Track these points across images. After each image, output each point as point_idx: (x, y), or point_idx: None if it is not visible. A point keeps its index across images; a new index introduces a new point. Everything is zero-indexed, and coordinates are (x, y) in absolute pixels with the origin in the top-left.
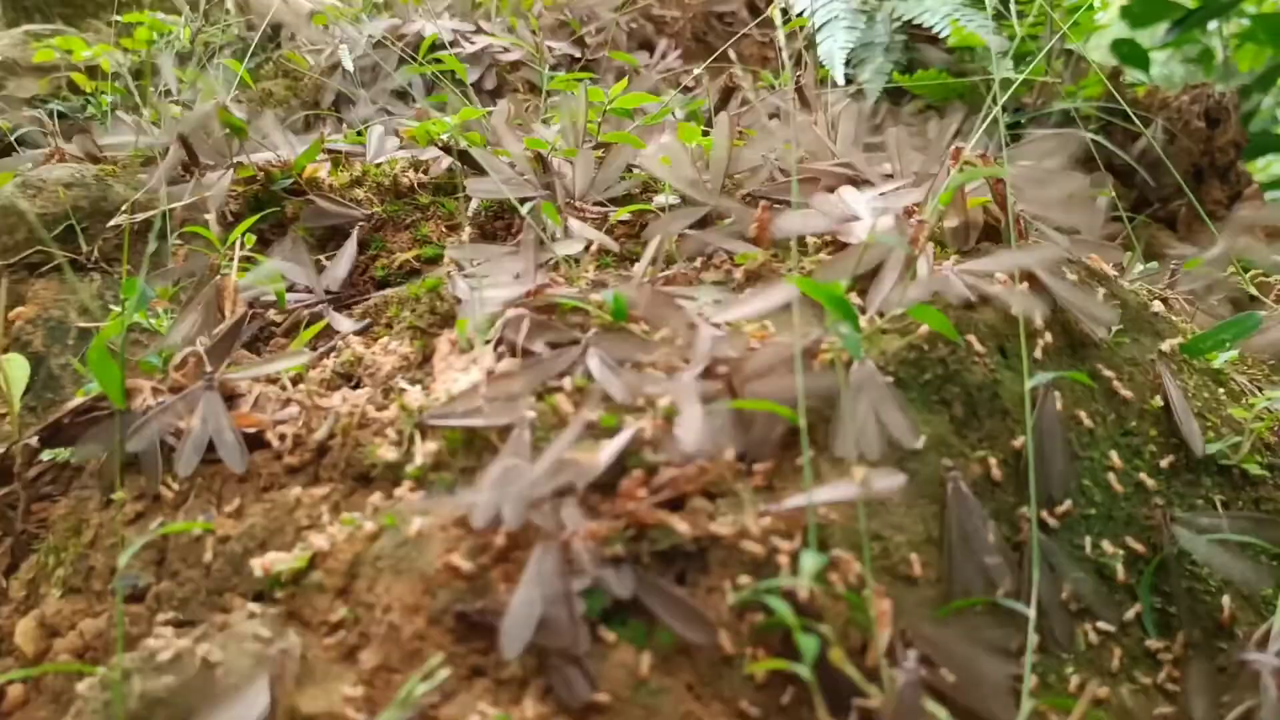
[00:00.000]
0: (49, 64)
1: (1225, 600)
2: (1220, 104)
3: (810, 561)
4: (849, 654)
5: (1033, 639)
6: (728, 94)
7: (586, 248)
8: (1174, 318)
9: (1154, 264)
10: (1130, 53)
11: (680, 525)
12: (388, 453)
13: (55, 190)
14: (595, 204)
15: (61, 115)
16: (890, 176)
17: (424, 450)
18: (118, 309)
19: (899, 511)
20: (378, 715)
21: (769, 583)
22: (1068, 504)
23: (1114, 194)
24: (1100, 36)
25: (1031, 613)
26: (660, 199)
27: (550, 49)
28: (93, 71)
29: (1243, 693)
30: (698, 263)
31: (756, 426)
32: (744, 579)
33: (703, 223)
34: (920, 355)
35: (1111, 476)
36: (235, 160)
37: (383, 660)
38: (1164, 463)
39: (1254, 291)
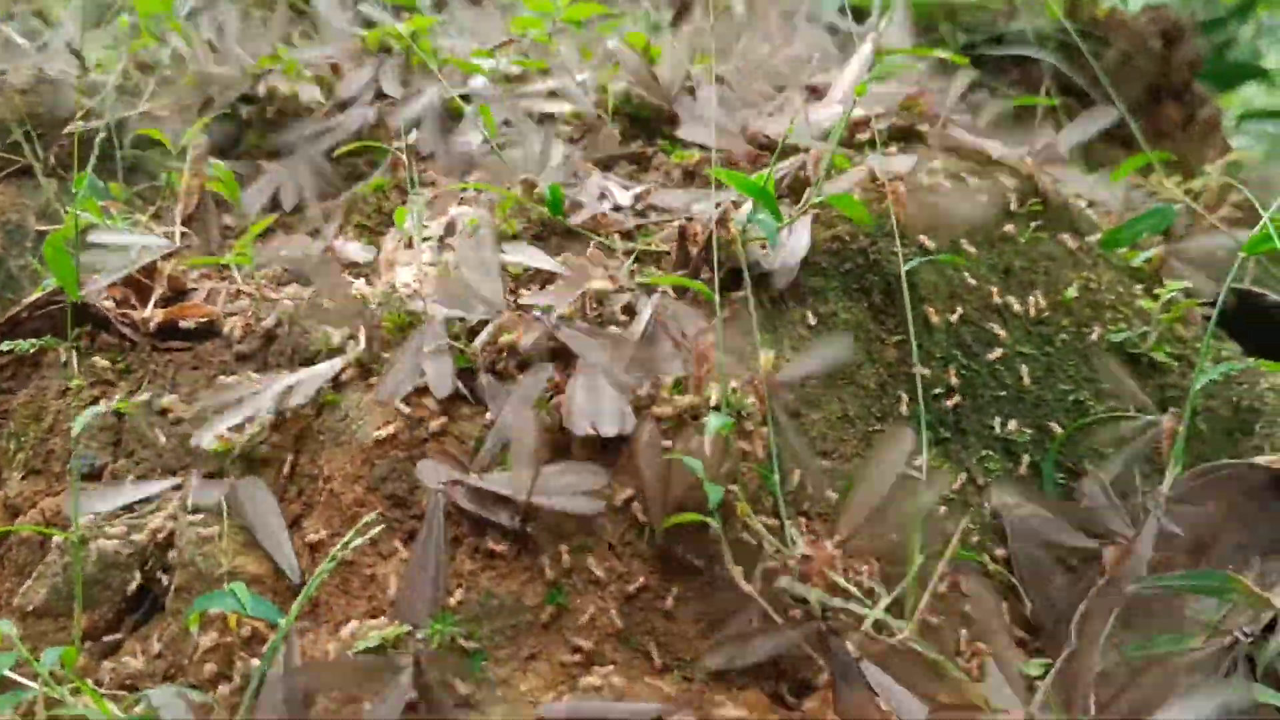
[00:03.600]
0: None
1: None
2: (1177, 25)
3: (715, 420)
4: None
5: (928, 498)
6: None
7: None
8: (1098, 219)
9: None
10: None
11: None
12: (333, 336)
13: (11, 96)
14: None
15: None
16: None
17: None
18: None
19: (817, 392)
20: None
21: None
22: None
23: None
24: None
25: (923, 476)
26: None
27: None
28: None
29: None
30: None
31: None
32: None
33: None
34: (843, 246)
35: (1021, 363)
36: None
37: (325, 524)
38: (1074, 350)
39: (1187, 200)
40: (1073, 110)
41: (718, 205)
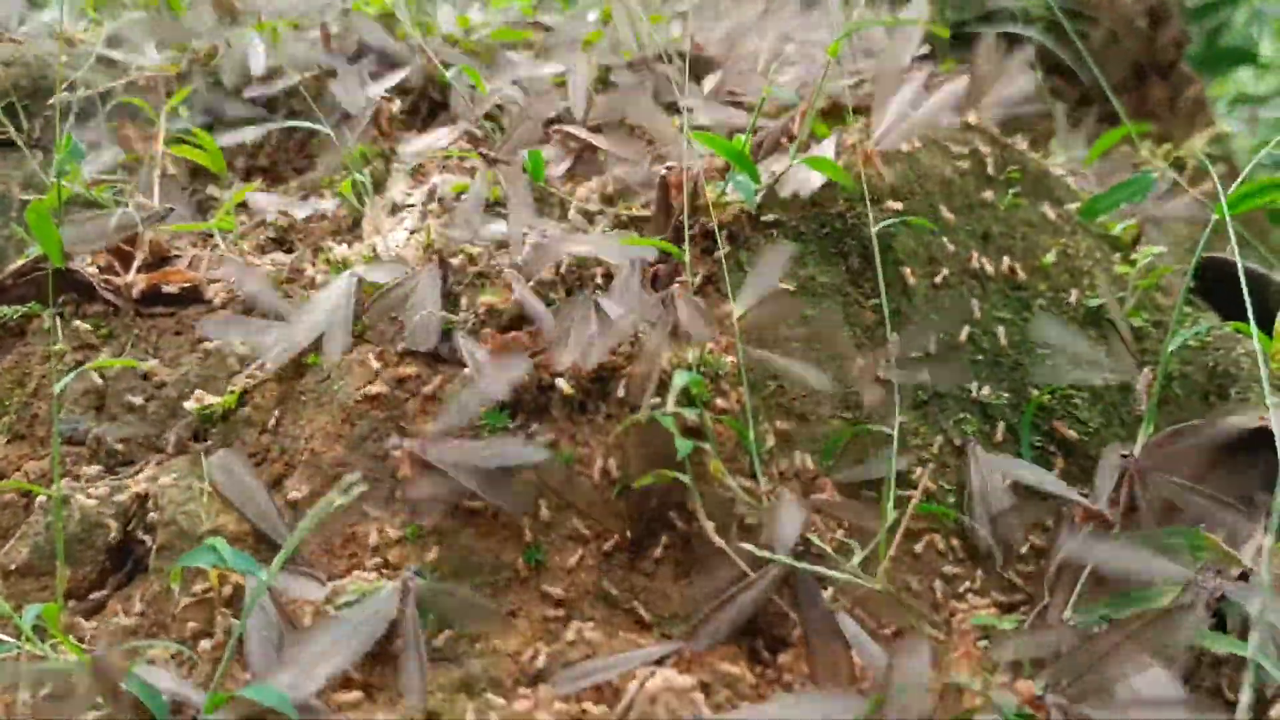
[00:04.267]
0: None
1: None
2: (1164, 5)
3: (681, 378)
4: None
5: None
6: None
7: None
8: (1077, 188)
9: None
10: None
11: None
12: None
13: None
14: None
15: None
16: None
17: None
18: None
19: (796, 355)
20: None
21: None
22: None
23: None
24: None
25: (894, 432)
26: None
27: None
28: None
29: None
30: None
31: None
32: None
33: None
34: (820, 210)
35: (999, 327)
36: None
37: (306, 483)
38: (1051, 315)
39: (1169, 170)
40: (1059, 90)
41: (696, 158)
